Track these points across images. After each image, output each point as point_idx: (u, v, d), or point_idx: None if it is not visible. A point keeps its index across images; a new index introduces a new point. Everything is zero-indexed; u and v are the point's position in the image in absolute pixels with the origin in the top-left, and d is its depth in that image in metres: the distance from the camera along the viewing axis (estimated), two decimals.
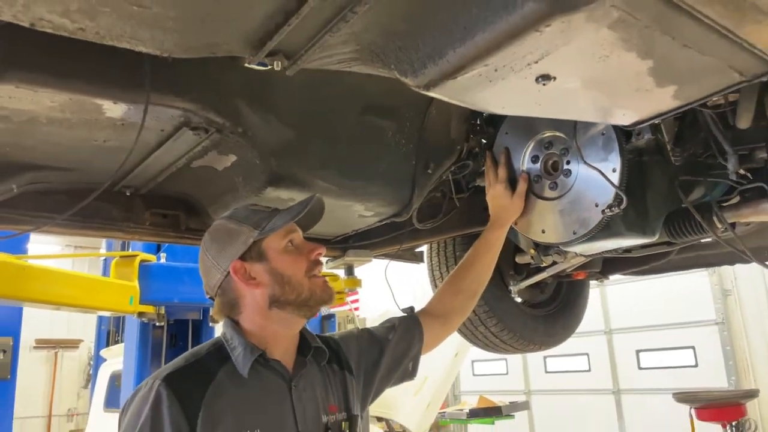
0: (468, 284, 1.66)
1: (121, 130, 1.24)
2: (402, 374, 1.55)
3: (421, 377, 5.02)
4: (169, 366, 1.23)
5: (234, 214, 1.29)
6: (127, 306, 3.40)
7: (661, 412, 6.45)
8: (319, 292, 1.28)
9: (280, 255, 1.26)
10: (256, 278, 1.24)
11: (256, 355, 1.22)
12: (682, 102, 1.01)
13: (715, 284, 6.31)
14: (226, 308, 1.29)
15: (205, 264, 1.29)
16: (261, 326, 1.26)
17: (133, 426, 1.12)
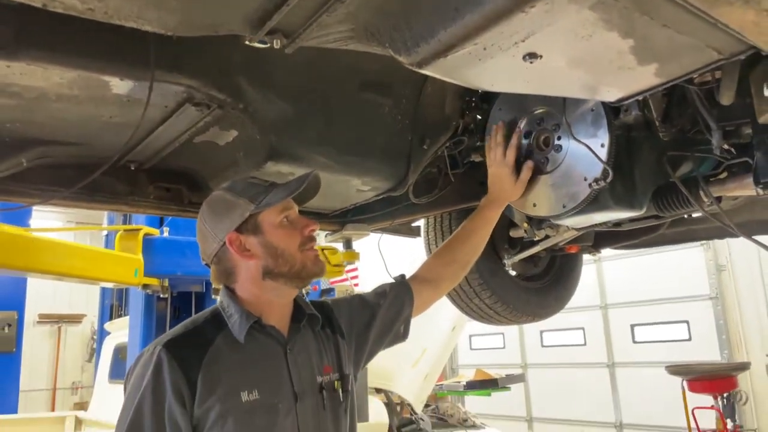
0: (462, 256, 1.71)
1: (127, 107, 1.28)
2: (394, 337, 1.60)
3: (420, 350, 5.14)
4: (170, 333, 1.30)
5: (232, 186, 1.33)
6: (132, 278, 3.48)
7: (654, 384, 6.58)
8: (310, 265, 1.33)
9: (274, 229, 1.31)
10: (250, 250, 1.29)
11: (251, 322, 1.28)
12: (663, 79, 1.06)
13: (709, 259, 6.39)
14: (222, 276, 1.34)
15: (203, 233, 1.34)
16: (255, 295, 1.32)
17: (136, 389, 1.19)
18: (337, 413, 1.36)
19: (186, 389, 1.18)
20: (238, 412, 1.20)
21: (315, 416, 1.31)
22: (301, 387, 1.30)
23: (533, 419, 8.04)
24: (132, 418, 1.17)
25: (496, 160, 1.66)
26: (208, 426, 1.18)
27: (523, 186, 1.64)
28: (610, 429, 7.09)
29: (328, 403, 1.34)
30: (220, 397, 1.19)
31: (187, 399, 1.18)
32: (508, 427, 7.58)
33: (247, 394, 1.22)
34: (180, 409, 1.17)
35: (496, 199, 1.68)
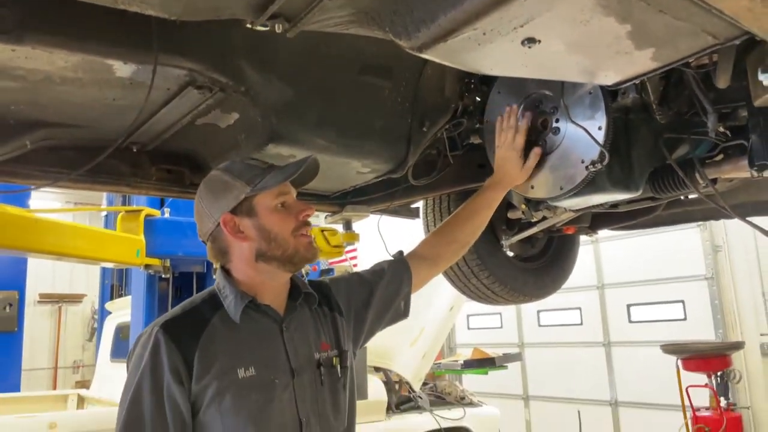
0: (463, 236, 1.72)
1: (130, 89, 1.30)
2: (395, 314, 1.62)
3: (418, 329, 5.19)
4: (167, 314, 1.32)
5: (229, 167, 1.34)
6: (134, 259, 3.51)
7: (649, 363, 6.66)
8: (303, 250, 1.34)
9: (269, 213, 1.32)
10: (244, 232, 1.31)
11: (245, 302, 1.30)
12: (660, 63, 1.07)
13: (706, 240, 6.42)
14: (217, 254, 1.37)
15: (199, 212, 1.36)
16: (249, 276, 1.34)
17: (136, 370, 1.23)
18: (335, 388, 1.38)
19: (183, 368, 1.21)
20: (235, 388, 1.22)
21: (312, 391, 1.33)
22: (297, 363, 1.32)
23: (530, 397, 8.15)
24: (132, 398, 1.21)
25: (506, 143, 1.65)
26: (206, 403, 1.22)
27: (529, 172, 1.65)
28: (606, 407, 7.19)
29: (326, 378, 1.36)
30: (217, 374, 1.22)
31: (184, 377, 1.21)
32: (504, 404, 7.67)
33: (243, 371, 1.24)
34: (178, 387, 1.20)
35: (500, 181, 1.68)
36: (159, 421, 1.19)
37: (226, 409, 1.21)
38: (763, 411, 5.85)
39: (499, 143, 1.68)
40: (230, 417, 1.21)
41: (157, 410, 1.19)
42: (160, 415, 1.19)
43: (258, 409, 1.24)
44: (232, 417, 1.22)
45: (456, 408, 5.16)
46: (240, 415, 1.22)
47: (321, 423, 1.33)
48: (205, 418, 1.22)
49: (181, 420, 1.21)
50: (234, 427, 1.22)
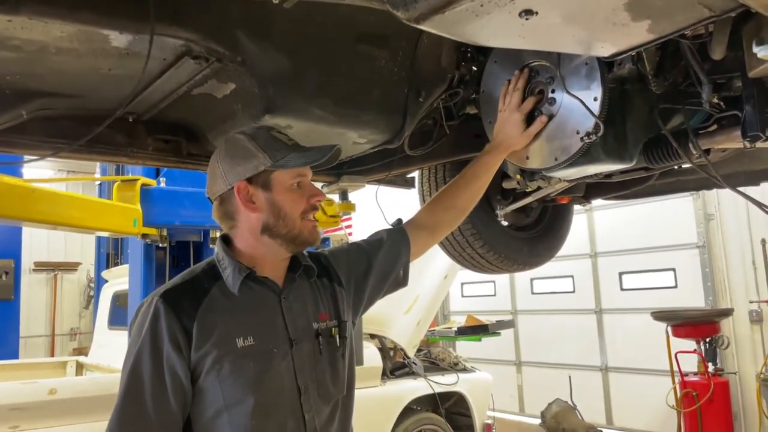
0: (461, 202, 1.71)
1: (126, 59, 1.29)
2: (394, 282, 1.64)
3: (412, 297, 5.25)
4: (167, 284, 1.34)
5: (255, 135, 1.34)
6: (131, 228, 3.51)
7: (639, 330, 6.78)
8: (307, 234, 1.36)
9: (284, 190, 1.33)
10: (255, 203, 1.32)
11: (244, 274, 1.31)
12: (656, 35, 1.08)
13: (698, 209, 6.47)
14: (223, 216, 1.37)
15: (214, 171, 1.36)
16: (252, 246, 1.36)
17: (136, 339, 1.26)
18: (334, 357, 1.40)
19: (182, 336, 1.23)
20: (234, 356, 1.25)
21: (311, 360, 1.35)
22: (296, 333, 1.34)
23: (522, 363, 8.29)
24: (132, 366, 1.24)
25: (511, 105, 1.64)
26: (206, 370, 1.24)
27: (530, 137, 1.63)
28: (596, 372, 7.34)
29: (325, 348, 1.38)
30: (216, 343, 1.24)
31: (183, 346, 1.23)
32: (497, 370, 7.82)
33: (242, 340, 1.26)
34: (177, 355, 1.23)
35: (500, 144, 1.67)
36: (158, 389, 1.22)
37: (225, 376, 1.24)
38: (749, 376, 5.99)
39: (503, 106, 1.67)
40: (229, 384, 1.24)
41: (156, 378, 1.22)
42: (160, 383, 1.22)
43: (256, 376, 1.26)
44: (231, 384, 1.24)
45: (449, 374, 5.26)
46: (239, 382, 1.25)
47: (320, 390, 1.35)
48: (205, 384, 1.25)
49: (181, 388, 1.24)
50: (233, 393, 1.24)
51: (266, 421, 1.27)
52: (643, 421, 6.75)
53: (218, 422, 1.26)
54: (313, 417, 1.33)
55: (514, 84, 1.65)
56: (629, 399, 6.99)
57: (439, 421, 5.03)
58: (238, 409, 1.25)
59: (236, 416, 1.25)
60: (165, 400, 1.22)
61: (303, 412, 1.31)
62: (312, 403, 1.33)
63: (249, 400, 1.25)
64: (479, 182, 1.71)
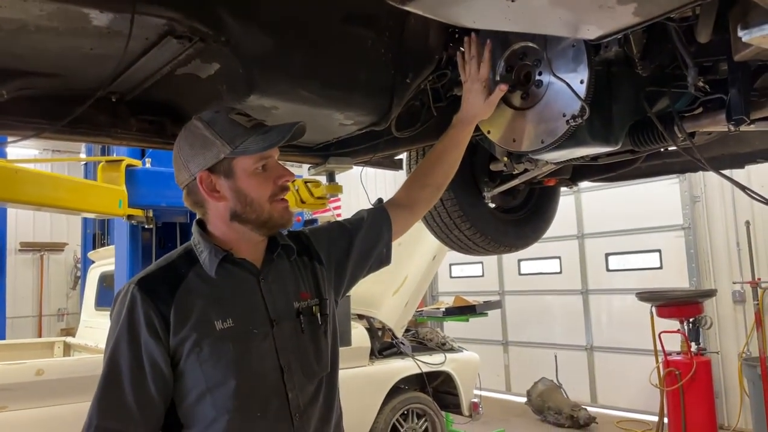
0: (435, 179, 1.70)
1: (107, 38, 1.27)
2: (377, 260, 1.63)
3: (401, 278, 5.27)
4: (144, 271, 1.33)
5: (212, 121, 1.29)
6: (116, 209, 3.48)
7: (624, 310, 6.88)
8: (277, 216, 1.34)
9: (247, 176, 1.30)
10: (219, 192, 1.30)
11: (220, 257, 1.30)
12: (642, 18, 1.07)
13: (684, 191, 6.52)
14: (193, 205, 1.36)
15: (176, 160, 1.34)
16: (224, 232, 1.35)
17: (114, 327, 1.26)
18: (316, 335, 1.40)
19: (159, 322, 1.23)
20: (213, 339, 1.25)
21: (293, 339, 1.35)
22: (276, 313, 1.34)
23: (509, 343, 8.39)
24: (110, 355, 1.24)
25: (471, 74, 1.63)
26: (185, 355, 1.24)
27: (492, 106, 1.62)
28: (581, 351, 7.44)
29: (307, 326, 1.38)
30: (194, 326, 1.24)
31: (161, 332, 1.23)
32: (484, 350, 7.91)
33: (221, 323, 1.26)
34: (155, 342, 1.23)
35: (466, 115, 1.65)
36: (137, 377, 1.22)
37: (205, 359, 1.24)
38: (731, 355, 6.10)
39: (464, 77, 1.65)
40: (210, 366, 1.24)
41: (135, 366, 1.22)
42: (139, 370, 1.22)
43: (237, 357, 1.26)
44: (212, 366, 1.24)
45: (437, 353, 5.31)
46: (219, 364, 1.25)
47: (303, 369, 1.36)
48: (185, 368, 1.25)
49: (161, 375, 1.24)
50: (214, 375, 1.25)
51: (249, 402, 1.27)
52: (627, 399, 6.88)
53: (201, 405, 1.26)
54: (296, 395, 1.33)
55: (468, 52, 1.63)
56: (613, 378, 7.11)
57: (427, 400, 5.10)
58: (220, 391, 1.25)
59: (219, 398, 1.25)
60: (144, 388, 1.22)
61: (286, 390, 1.32)
62: (296, 382, 1.33)
63: (231, 381, 1.25)
64: (451, 157, 1.68)
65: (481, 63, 1.62)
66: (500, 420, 6.74)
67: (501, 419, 6.81)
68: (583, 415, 6.35)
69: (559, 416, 6.49)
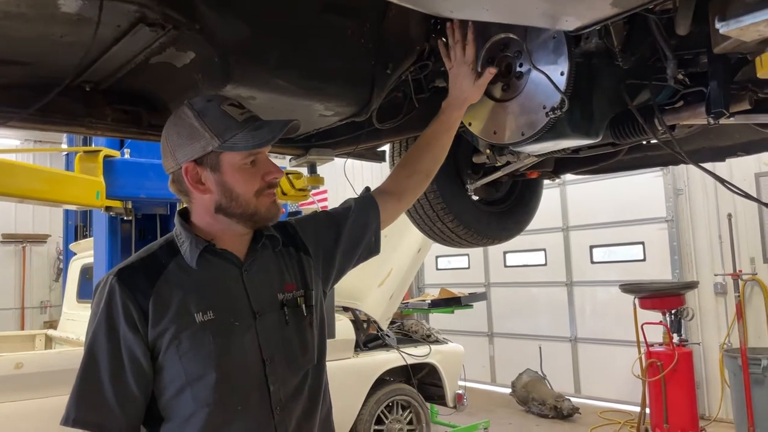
0: (424, 165, 1.68)
1: (77, 25, 1.24)
2: (366, 250, 1.60)
3: (386, 270, 5.27)
4: (123, 262, 1.31)
5: (203, 111, 1.26)
6: (94, 200, 3.43)
7: (608, 302, 6.93)
8: (264, 211, 1.32)
9: (234, 171, 1.27)
10: (205, 184, 1.27)
11: (202, 247, 1.28)
12: (620, 9, 1.07)
13: (668, 184, 6.57)
14: (178, 193, 1.34)
15: (164, 147, 1.31)
16: (208, 223, 1.33)
17: (93, 319, 1.24)
18: (301, 327, 1.37)
19: (138, 314, 1.21)
20: (192, 331, 1.23)
21: (277, 331, 1.33)
22: (259, 305, 1.32)
23: (494, 334, 8.44)
24: (89, 347, 1.22)
25: (457, 58, 1.61)
26: (165, 348, 1.22)
27: (482, 88, 1.61)
28: (566, 343, 7.50)
29: (291, 318, 1.35)
30: (173, 319, 1.22)
31: (139, 324, 1.21)
32: (470, 341, 7.95)
33: (201, 315, 1.24)
34: (133, 335, 1.21)
35: (455, 100, 1.63)
36: (116, 370, 1.20)
37: (185, 352, 1.22)
38: (713, 346, 6.18)
39: (449, 63, 1.64)
40: (189, 359, 1.22)
41: (113, 359, 1.20)
42: (117, 363, 1.20)
43: (217, 351, 1.24)
44: (192, 359, 1.23)
45: (422, 345, 5.33)
46: (199, 357, 1.23)
47: (288, 361, 1.34)
48: (165, 361, 1.23)
49: (140, 368, 1.22)
50: (194, 368, 1.23)
51: (230, 395, 1.26)
52: (610, 390, 6.95)
53: (181, 398, 1.24)
54: (278, 388, 1.31)
55: (452, 38, 1.62)
56: (597, 369, 7.17)
57: (411, 392, 5.12)
58: (200, 384, 1.23)
59: (199, 391, 1.23)
60: (123, 382, 1.21)
61: (268, 384, 1.30)
62: (278, 375, 1.31)
63: (211, 374, 1.23)
64: (440, 143, 1.67)
65: (466, 46, 1.60)
66: (485, 411, 6.78)
67: (486, 410, 6.85)
68: (567, 405, 6.40)
69: (542, 407, 6.54)
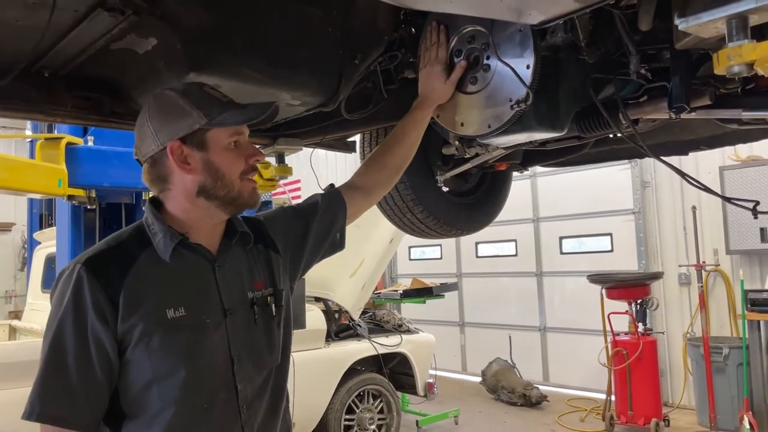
0: (393, 160, 1.69)
1: (33, 9, 1.20)
2: (331, 246, 1.60)
3: (358, 261, 5.27)
4: (90, 250, 1.26)
5: (187, 91, 1.26)
6: (56, 189, 3.34)
7: (576, 292, 7.05)
8: (247, 195, 1.31)
9: (221, 150, 1.26)
10: (191, 164, 1.25)
11: (176, 241, 1.25)
12: (583, 4, 1.07)
13: (635, 176, 6.69)
14: (155, 179, 1.30)
15: (143, 130, 1.27)
16: (185, 210, 1.29)
17: (57, 308, 1.19)
18: (269, 326, 1.37)
19: (108, 306, 1.17)
20: (164, 328, 1.20)
21: (246, 330, 1.31)
22: (230, 303, 1.30)
23: (465, 324, 8.52)
24: (54, 337, 1.18)
25: (431, 58, 1.64)
26: (133, 343, 1.19)
27: (453, 85, 1.63)
28: (535, 332, 7.62)
29: (260, 317, 1.34)
30: (144, 314, 1.19)
31: (109, 316, 1.17)
32: (442, 331, 8.02)
33: (173, 311, 1.21)
34: (102, 326, 1.17)
35: (426, 98, 1.66)
36: (82, 360, 1.16)
37: (155, 349, 1.19)
38: (676, 335, 6.34)
39: (423, 63, 1.66)
40: (159, 356, 1.20)
41: (80, 349, 1.17)
42: (84, 353, 1.17)
43: (188, 348, 1.22)
44: (162, 356, 1.20)
45: (393, 335, 5.36)
46: (169, 355, 1.20)
47: (254, 360, 1.32)
48: (133, 357, 1.20)
49: (107, 359, 1.19)
50: (163, 365, 1.20)
51: (197, 393, 1.24)
52: (577, 378, 7.09)
53: (147, 395, 1.21)
54: (245, 387, 1.30)
55: (429, 39, 1.65)
56: (565, 358, 7.31)
57: (382, 381, 5.15)
58: (168, 381, 1.21)
59: (166, 389, 1.21)
60: (90, 371, 1.17)
61: (236, 382, 1.29)
62: (245, 374, 1.30)
63: (180, 372, 1.21)
64: (410, 139, 1.69)
65: (440, 47, 1.63)
66: (455, 399, 6.86)
67: (456, 398, 6.93)
68: (535, 393, 6.51)
69: (512, 395, 6.64)
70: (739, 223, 5.56)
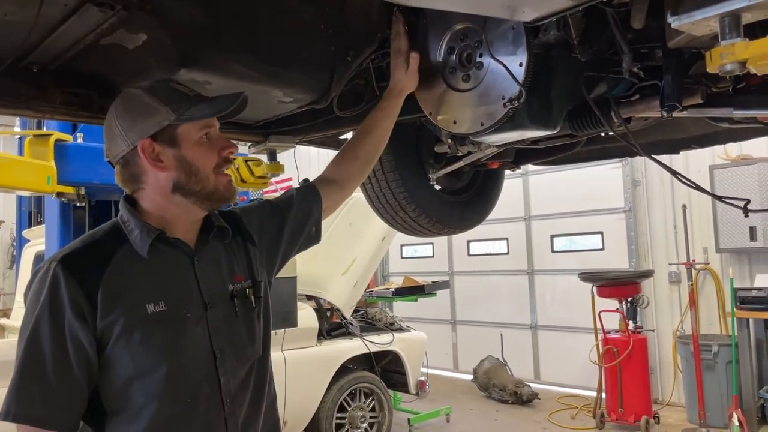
0: (365, 151, 1.71)
1: (21, 4, 1.18)
2: (307, 239, 1.61)
3: (350, 259, 5.27)
4: (66, 248, 1.25)
5: (153, 89, 1.25)
6: (45, 186, 3.30)
7: (567, 290, 7.08)
8: (222, 189, 1.30)
9: (192, 145, 1.26)
10: (163, 161, 1.24)
11: (153, 236, 1.25)
12: (576, 2, 1.07)
13: (626, 175, 6.72)
14: (127, 180, 1.29)
15: (112, 131, 1.26)
16: (161, 207, 1.28)
17: (33, 306, 1.17)
18: (250, 318, 1.37)
19: (86, 305, 1.16)
20: (144, 324, 1.19)
21: (227, 323, 1.31)
22: (210, 296, 1.30)
23: (457, 322, 8.53)
24: (30, 337, 1.16)
25: (393, 48, 1.68)
26: (113, 340, 1.18)
27: (414, 75, 1.67)
28: (526, 330, 7.64)
29: (241, 309, 1.35)
30: (124, 311, 1.18)
31: (87, 314, 1.16)
32: (433, 329, 8.03)
33: (153, 306, 1.21)
34: (80, 324, 1.16)
35: (393, 88, 1.69)
36: (60, 360, 1.15)
37: (136, 344, 1.18)
38: (666, 333, 6.38)
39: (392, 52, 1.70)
40: (140, 352, 1.19)
41: (58, 348, 1.15)
42: (62, 353, 1.15)
43: (169, 343, 1.22)
44: (143, 352, 1.19)
45: (385, 333, 5.35)
46: (150, 350, 1.20)
47: (237, 353, 1.33)
48: (113, 354, 1.19)
49: (85, 358, 1.17)
50: (144, 361, 1.19)
51: (180, 388, 1.23)
52: (569, 376, 7.12)
53: (130, 391, 1.20)
54: (228, 380, 1.30)
55: (394, 29, 1.68)
56: (556, 355, 7.33)
57: (374, 379, 5.14)
58: (150, 377, 1.20)
59: (149, 384, 1.20)
60: (68, 370, 1.16)
61: (219, 376, 1.28)
62: (228, 367, 1.30)
63: (162, 367, 1.20)
64: (380, 129, 1.71)
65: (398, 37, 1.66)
66: (447, 397, 6.87)
67: (448, 396, 6.93)
68: (527, 391, 6.53)
69: (503, 393, 6.66)
70: (728, 221, 5.60)
